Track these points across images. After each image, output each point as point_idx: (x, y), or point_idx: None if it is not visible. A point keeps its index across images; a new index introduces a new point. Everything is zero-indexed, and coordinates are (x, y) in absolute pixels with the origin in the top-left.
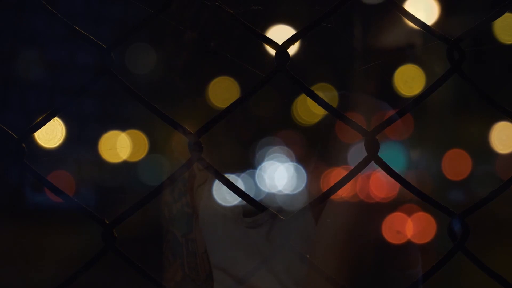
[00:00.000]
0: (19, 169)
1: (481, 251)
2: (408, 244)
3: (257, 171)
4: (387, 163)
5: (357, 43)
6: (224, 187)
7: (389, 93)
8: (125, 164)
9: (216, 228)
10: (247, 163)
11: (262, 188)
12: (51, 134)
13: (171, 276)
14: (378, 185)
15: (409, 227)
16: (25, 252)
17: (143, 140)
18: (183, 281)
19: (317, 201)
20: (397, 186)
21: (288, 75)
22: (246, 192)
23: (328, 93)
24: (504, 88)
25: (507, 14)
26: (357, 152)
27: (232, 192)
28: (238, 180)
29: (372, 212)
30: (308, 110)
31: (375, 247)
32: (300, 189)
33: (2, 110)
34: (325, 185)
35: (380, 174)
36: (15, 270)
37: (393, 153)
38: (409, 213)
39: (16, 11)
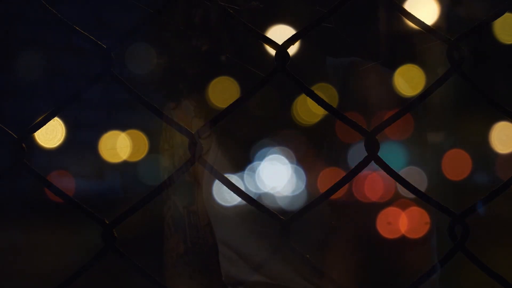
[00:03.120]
0: (19, 169)
1: (481, 251)
2: (407, 241)
3: (257, 172)
4: (387, 163)
5: (382, 26)
6: (224, 187)
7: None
8: (125, 164)
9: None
10: (247, 163)
11: (262, 188)
12: (51, 134)
13: (172, 247)
14: (376, 185)
15: (403, 222)
16: (25, 252)
17: (143, 140)
18: (186, 254)
19: (317, 201)
20: (396, 185)
21: (288, 75)
22: (246, 192)
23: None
24: (504, 88)
25: (507, 14)
26: (357, 152)
27: (232, 192)
28: (238, 180)
29: (370, 211)
30: (308, 110)
31: (375, 245)
32: (300, 189)
33: (3, 110)
34: (325, 185)
35: (376, 174)
36: (15, 270)
37: (393, 153)
38: (404, 208)
39: (17, 10)
